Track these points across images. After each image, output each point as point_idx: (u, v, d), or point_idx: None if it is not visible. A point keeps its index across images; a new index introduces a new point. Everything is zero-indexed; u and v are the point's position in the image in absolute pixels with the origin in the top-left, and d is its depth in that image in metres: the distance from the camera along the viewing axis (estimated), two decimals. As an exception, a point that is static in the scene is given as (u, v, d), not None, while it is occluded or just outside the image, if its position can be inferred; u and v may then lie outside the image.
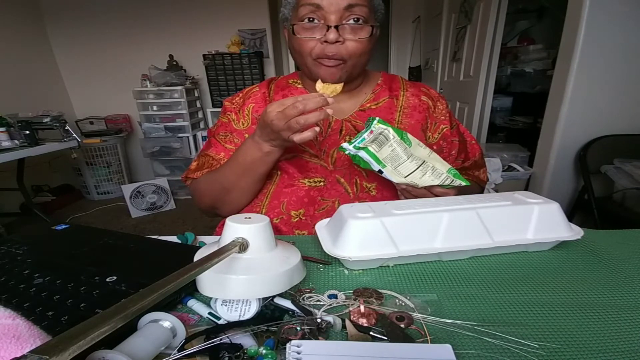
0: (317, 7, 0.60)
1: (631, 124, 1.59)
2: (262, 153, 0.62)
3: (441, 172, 0.59)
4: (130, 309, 0.26)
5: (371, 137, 0.60)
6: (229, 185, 0.68)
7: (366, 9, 0.61)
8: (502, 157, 1.97)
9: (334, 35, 0.60)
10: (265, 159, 0.63)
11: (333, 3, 0.59)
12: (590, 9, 1.41)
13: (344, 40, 0.62)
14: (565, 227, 0.51)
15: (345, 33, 0.62)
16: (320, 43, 0.62)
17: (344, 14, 0.60)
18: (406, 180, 0.59)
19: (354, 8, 0.60)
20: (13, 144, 1.92)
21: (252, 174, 0.66)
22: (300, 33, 0.64)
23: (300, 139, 0.55)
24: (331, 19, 0.60)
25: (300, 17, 0.63)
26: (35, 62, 2.93)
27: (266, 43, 3.15)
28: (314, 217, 0.67)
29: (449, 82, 2.76)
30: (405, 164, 0.59)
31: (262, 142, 0.61)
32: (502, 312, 0.38)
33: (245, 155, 0.65)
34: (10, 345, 0.27)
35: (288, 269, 0.39)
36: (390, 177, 0.59)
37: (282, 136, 0.56)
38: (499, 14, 2.05)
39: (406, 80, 0.79)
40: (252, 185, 0.68)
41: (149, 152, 2.90)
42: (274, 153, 0.63)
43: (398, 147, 0.59)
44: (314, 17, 0.62)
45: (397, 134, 0.60)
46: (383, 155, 0.60)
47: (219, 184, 0.69)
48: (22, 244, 0.53)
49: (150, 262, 0.49)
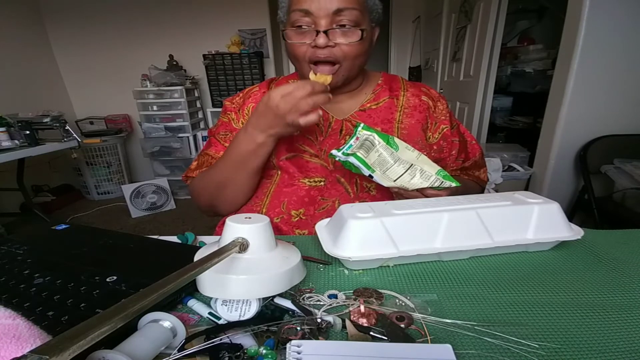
0: (306, 12, 0.61)
1: (631, 124, 1.59)
2: (255, 145, 0.62)
3: (430, 175, 0.59)
4: (130, 309, 0.26)
5: (357, 143, 0.61)
6: (224, 180, 0.68)
7: (357, 12, 0.61)
8: (502, 157, 1.97)
9: (323, 40, 0.61)
10: (258, 151, 0.63)
11: (322, 8, 0.60)
12: (590, 9, 1.41)
13: (334, 45, 0.62)
14: (565, 227, 0.51)
15: (336, 37, 0.62)
16: (312, 47, 0.63)
17: (334, 18, 0.61)
18: (396, 184, 0.59)
19: (344, 12, 0.60)
20: (13, 144, 1.92)
21: (246, 168, 0.66)
22: (292, 38, 0.64)
23: (306, 121, 0.56)
24: (321, 24, 0.61)
25: (292, 22, 0.63)
26: (35, 62, 2.93)
27: (266, 43, 3.15)
28: (314, 216, 0.68)
29: (449, 82, 2.76)
30: (393, 168, 0.59)
31: (256, 133, 0.61)
32: (502, 312, 0.38)
33: (238, 148, 0.65)
34: (10, 345, 0.27)
35: (288, 269, 0.39)
36: (381, 182, 0.59)
37: (286, 120, 0.57)
38: (499, 14, 2.05)
39: (406, 81, 0.79)
40: (246, 180, 0.68)
41: (149, 152, 2.90)
42: (267, 145, 0.62)
43: (384, 152, 0.60)
44: (303, 24, 0.62)
45: (382, 139, 0.60)
46: (371, 161, 0.60)
47: (214, 180, 0.69)
48: (22, 244, 0.53)
49: (150, 262, 0.49)
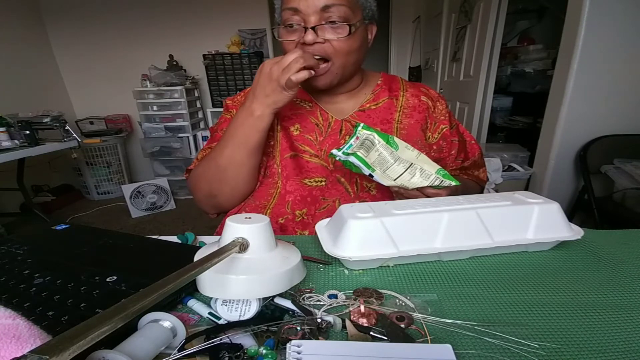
0: (295, 10, 0.61)
1: (631, 124, 1.59)
2: (254, 117, 0.62)
3: (430, 174, 0.59)
4: (130, 309, 0.26)
5: (357, 143, 0.61)
6: (224, 161, 0.66)
7: (345, 8, 0.61)
8: (502, 157, 1.97)
9: (311, 36, 0.61)
10: (257, 125, 0.63)
11: (310, 5, 0.60)
12: (590, 9, 1.41)
13: (324, 41, 0.62)
14: (565, 227, 0.51)
15: (325, 33, 0.62)
16: (301, 44, 0.63)
17: (322, 15, 0.61)
18: (396, 183, 0.60)
19: (331, 8, 0.60)
20: (13, 144, 1.92)
21: (245, 145, 0.65)
22: (283, 36, 0.65)
23: (297, 78, 0.57)
24: (310, 21, 0.61)
25: (283, 21, 0.64)
26: (35, 62, 2.93)
27: (266, 43, 3.15)
28: (315, 216, 0.68)
29: (449, 82, 2.76)
30: (393, 167, 0.59)
31: (254, 106, 0.62)
32: (502, 312, 0.38)
33: (237, 123, 0.65)
34: (10, 345, 0.27)
35: (288, 269, 0.39)
36: (381, 181, 0.60)
37: (280, 82, 0.58)
38: (499, 14, 2.05)
39: (406, 81, 0.80)
40: (246, 159, 0.66)
41: (149, 152, 2.90)
42: (265, 116, 0.62)
43: (384, 151, 0.60)
44: (293, 22, 0.63)
45: (382, 138, 0.61)
46: (371, 160, 0.60)
47: (214, 162, 0.68)
48: (22, 244, 0.53)
49: (150, 262, 0.49)
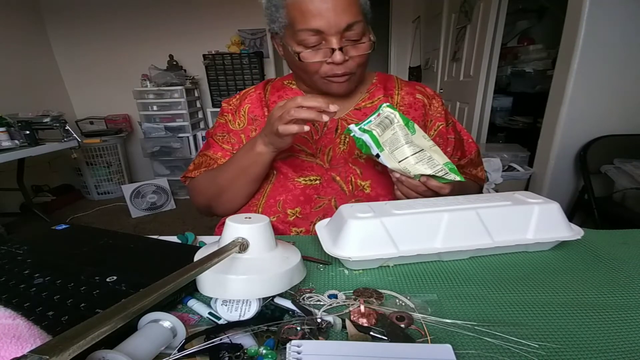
0: (317, 32, 0.61)
1: (631, 124, 1.59)
2: (255, 153, 0.64)
3: (437, 163, 0.57)
4: (130, 309, 0.26)
5: (377, 120, 0.61)
6: (225, 184, 0.69)
7: (362, 24, 0.62)
8: (502, 157, 1.96)
9: (340, 57, 0.62)
10: (258, 160, 0.64)
11: (333, 26, 0.60)
12: (590, 9, 1.41)
13: (348, 58, 0.64)
14: (565, 227, 0.51)
15: (348, 51, 0.64)
16: (327, 64, 0.64)
17: (344, 34, 0.62)
18: (399, 166, 0.58)
19: (353, 26, 0.61)
20: (13, 144, 1.92)
21: (246, 175, 0.67)
22: (309, 58, 0.64)
23: (283, 129, 0.56)
24: (333, 42, 0.61)
25: (300, 41, 0.63)
26: (35, 62, 2.93)
27: (266, 43, 3.15)
28: (310, 214, 0.68)
29: (449, 82, 2.76)
30: (402, 149, 0.58)
31: (257, 142, 0.63)
32: (502, 312, 0.38)
33: (242, 152, 0.67)
34: (10, 345, 0.27)
35: (288, 269, 0.39)
36: (386, 162, 0.59)
37: (273, 127, 0.57)
38: (499, 14, 2.05)
39: (401, 80, 0.80)
40: (246, 187, 0.69)
41: (149, 152, 2.90)
42: (265, 153, 0.63)
43: (400, 132, 0.59)
44: (315, 42, 0.62)
45: (402, 119, 0.60)
46: (384, 139, 0.60)
47: (216, 183, 0.71)
48: (22, 244, 0.53)
49: (150, 262, 0.49)
